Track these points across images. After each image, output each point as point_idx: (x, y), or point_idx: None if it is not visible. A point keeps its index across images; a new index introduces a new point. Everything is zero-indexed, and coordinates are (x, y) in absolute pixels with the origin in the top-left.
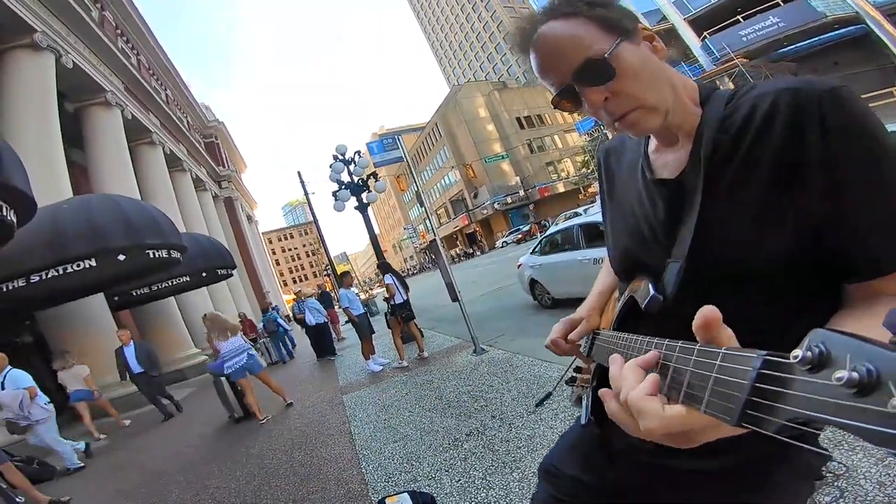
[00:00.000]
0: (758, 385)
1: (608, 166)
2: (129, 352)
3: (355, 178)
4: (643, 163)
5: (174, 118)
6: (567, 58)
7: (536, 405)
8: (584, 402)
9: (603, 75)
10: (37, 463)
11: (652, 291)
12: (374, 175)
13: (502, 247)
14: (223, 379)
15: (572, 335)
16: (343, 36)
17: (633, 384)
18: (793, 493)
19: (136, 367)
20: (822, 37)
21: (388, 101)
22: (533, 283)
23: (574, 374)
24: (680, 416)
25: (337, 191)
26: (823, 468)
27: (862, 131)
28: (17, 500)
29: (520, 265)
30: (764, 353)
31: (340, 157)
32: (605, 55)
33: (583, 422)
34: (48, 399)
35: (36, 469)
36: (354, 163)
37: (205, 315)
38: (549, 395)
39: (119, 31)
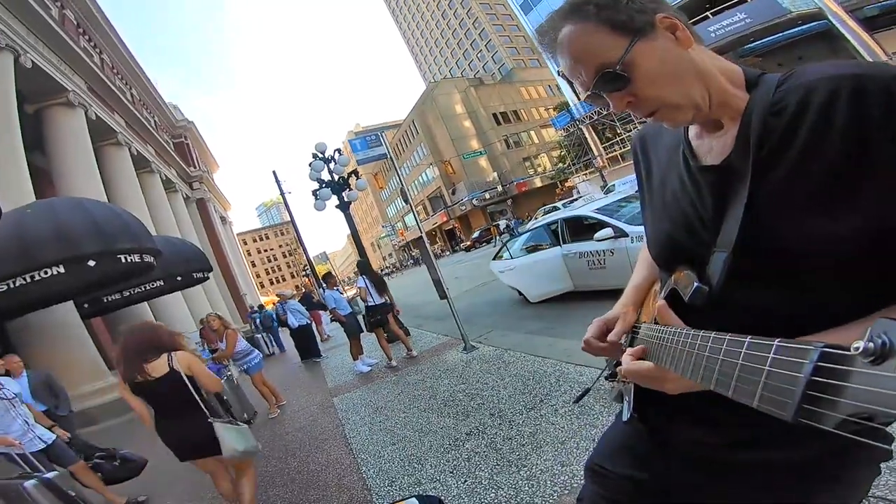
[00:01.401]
0: (815, 378)
1: (645, 152)
2: (24, 385)
3: (336, 177)
4: (685, 148)
5: (141, 118)
6: (584, 65)
7: (574, 402)
8: (625, 399)
9: (617, 83)
10: (119, 459)
11: (696, 283)
12: (356, 173)
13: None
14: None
15: (611, 336)
16: (318, 34)
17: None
18: (861, 479)
19: (35, 406)
20: (786, 32)
21: (364, 99)
22: None
23: (615, 370)
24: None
25: (317, 189)
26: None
27: None
28: None
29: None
30: (821, 344)
31: (320, 156)
32: (616, 66)
33: (625, 418)
34: None
35: (114, 467)
36: (335, 161)
37: (212, 314)
38: (587, 391)
39: (81, 30)
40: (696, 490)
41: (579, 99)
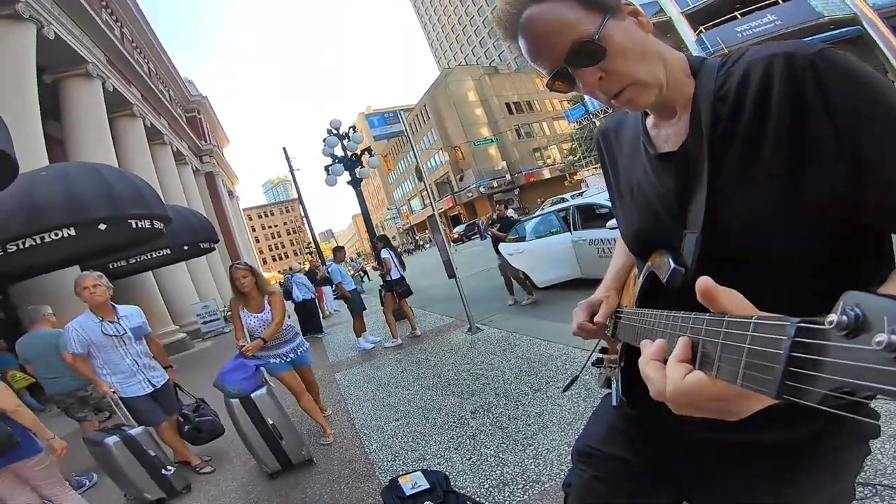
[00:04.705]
0: (794, 354)
1: (608, 147)
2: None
3: (349, 153)
4: (643, 139)
5: (156, 91)
6: (556, 41)
7: (563, 390)
8: (613, 384)
9: (594, 56)
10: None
11: (673, 265)
12: (369, 150)
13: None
14: (236, 402)
15: (597, 318)
16: (334, 14)
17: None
18: (852, 457)
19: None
20: (815, 37)
21: (376, 81)
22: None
23: (600, 356)
24: (699, 384)
25: (330, 165)
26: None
27: (859, 81)
28: (166, 470)
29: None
30: (797, 319)
31: (335, 132)
32: (594, 36)
33: (615, 403)
34: None
35: (194, 432)
36: (349, 137)
37: (240, 264)
38: (575, 378)
39: (104, 3)
40: (691, 472)
41: None
